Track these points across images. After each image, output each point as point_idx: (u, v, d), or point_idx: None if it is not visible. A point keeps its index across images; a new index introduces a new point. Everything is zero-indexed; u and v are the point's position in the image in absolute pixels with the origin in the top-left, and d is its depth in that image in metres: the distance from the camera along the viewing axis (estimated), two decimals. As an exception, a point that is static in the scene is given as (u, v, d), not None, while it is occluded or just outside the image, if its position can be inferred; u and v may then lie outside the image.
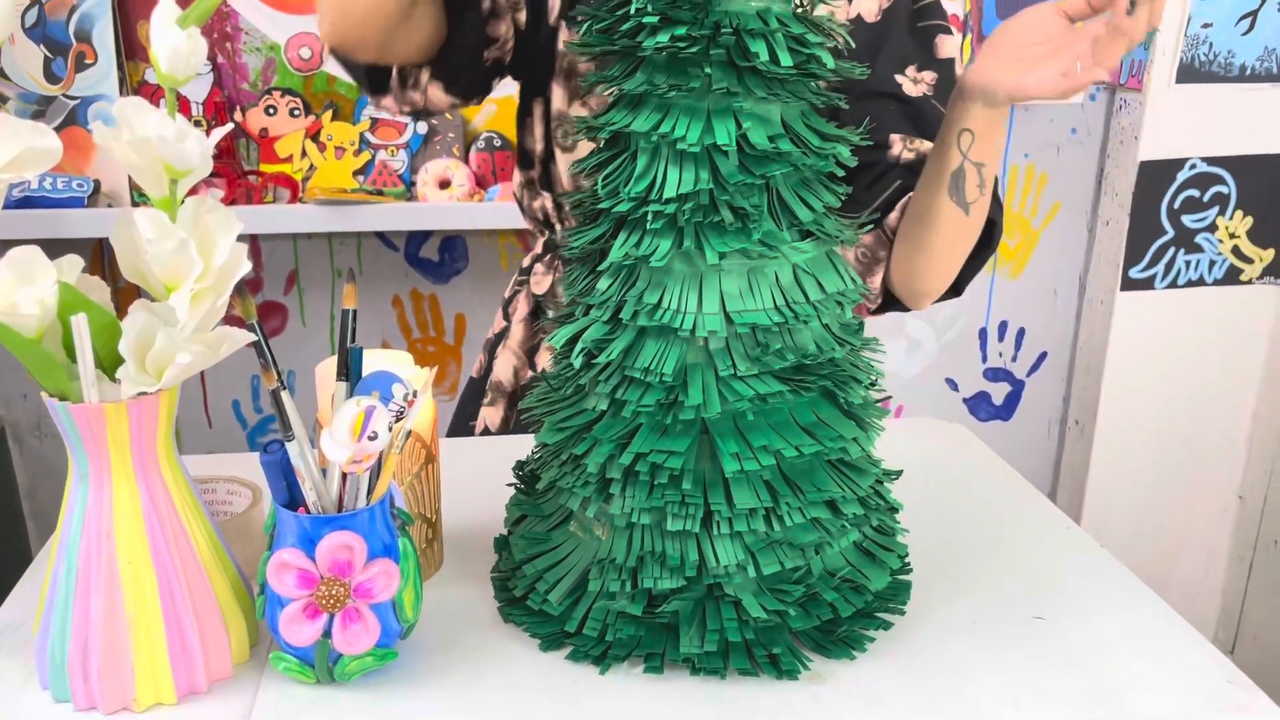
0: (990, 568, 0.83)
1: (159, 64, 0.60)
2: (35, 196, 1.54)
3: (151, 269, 0.62)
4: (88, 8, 1.57)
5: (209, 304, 0.62)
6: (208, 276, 0.61)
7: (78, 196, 1.55)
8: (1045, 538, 0.88)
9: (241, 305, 0.65)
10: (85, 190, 1.56)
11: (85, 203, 1.56)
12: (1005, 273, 2.06)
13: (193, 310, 0.61)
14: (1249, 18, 1.85)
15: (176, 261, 0.60)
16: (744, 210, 0.68)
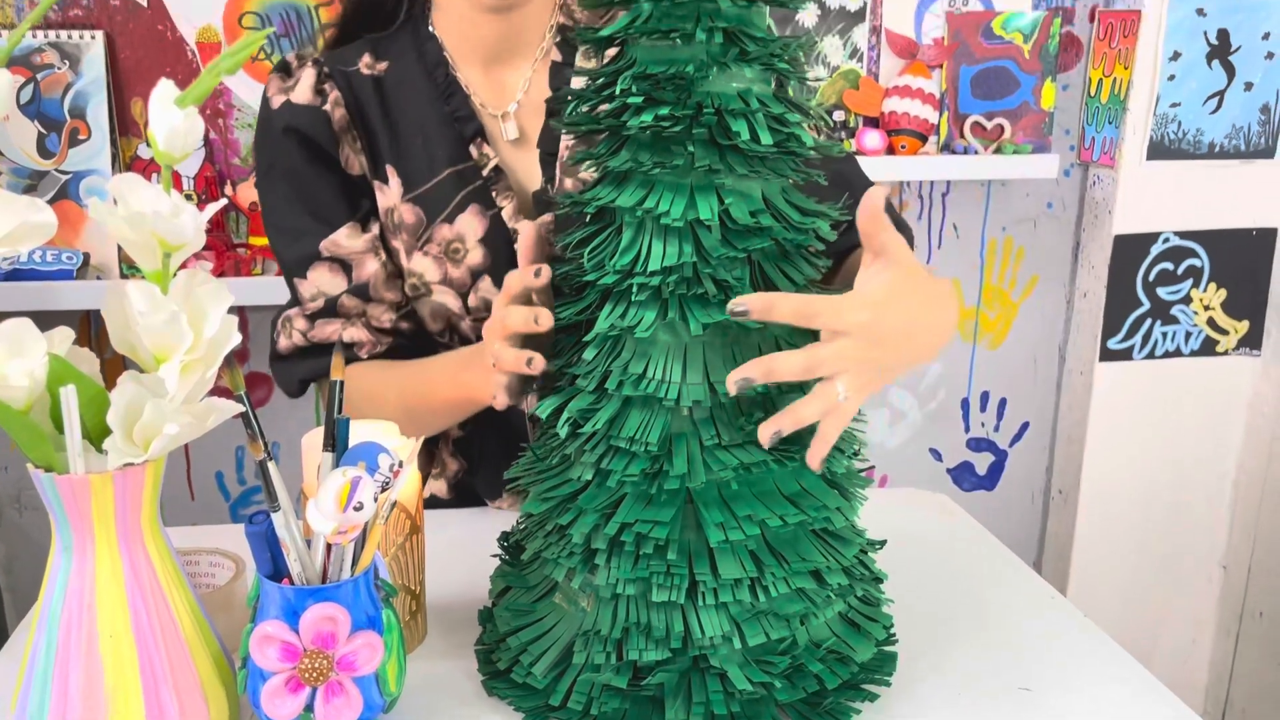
0: (976, 639, 0.83)
1: (157, 142, 0.61)
2: (24, 269, 1.55)
3: (142, 341, 0.63)
4: (83, 85, 1.60)
5: (198, 375, 0.62)
6: (198, 348, 0.62)
7: (67, 269, 1.57)
8: (1030, 608, 0.89)
9: (230, 376, 0.65)
10: (74, 263, 1.57)
11: (74, 275, 1.57)
12: (986, 343, 2.09)
13: (182, 381, 0.62)
14: (1216, 97, 1.91)
15: (167, 333, 0.61)
16: (727, 283, 0.70)
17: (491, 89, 1.03)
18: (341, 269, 1.00)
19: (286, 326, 1.01)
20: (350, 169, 1.01)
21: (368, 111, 1.01)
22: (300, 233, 1.00)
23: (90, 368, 0.66)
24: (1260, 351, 2.05)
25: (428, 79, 1.01)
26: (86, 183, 1.62)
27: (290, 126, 0.99)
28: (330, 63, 1.02)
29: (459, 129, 1.00)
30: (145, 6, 1.63)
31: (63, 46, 1.59)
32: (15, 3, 1.61)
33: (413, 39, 1.03)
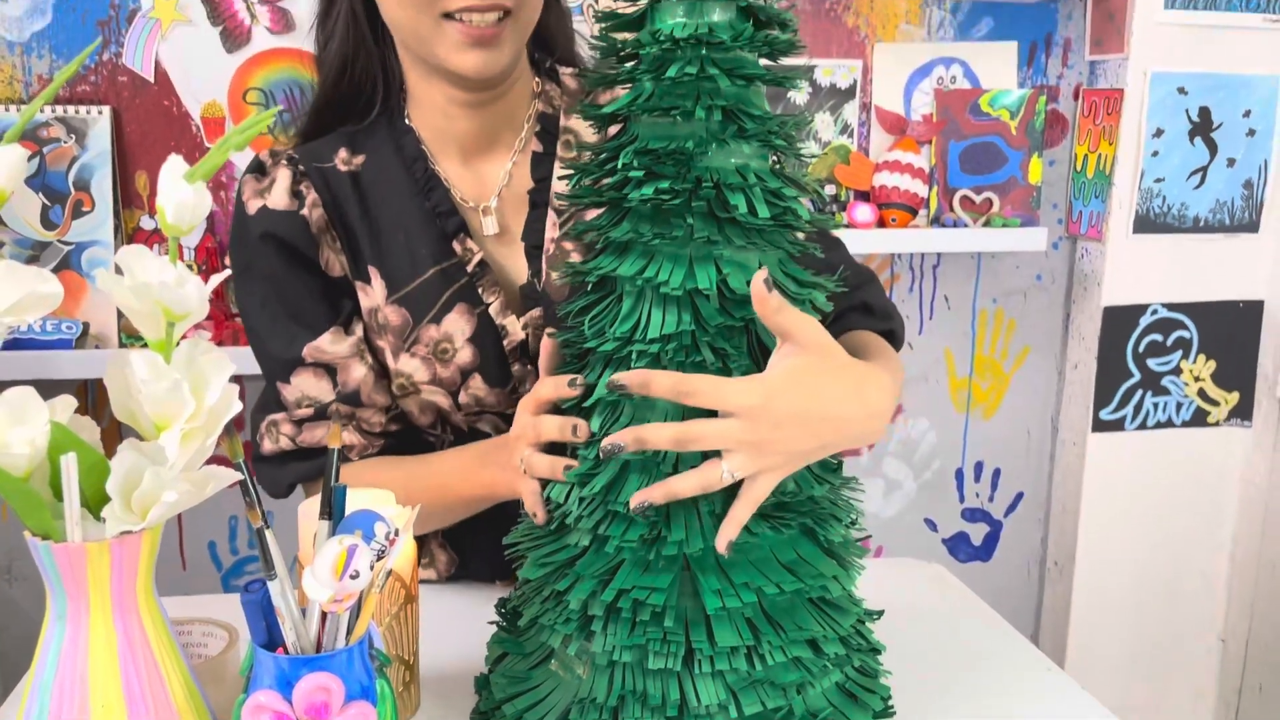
0: (973, 711, 0.83)
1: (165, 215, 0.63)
2: (23, 338, 1.56)
3: (144, 408, 0.63)
4: (88, 159, 1.63)
5: (199, 443, 0.63)
6: (199, 416, 0.62)
7: (66, 339, 1.58)
8: (1028, 681, 0.88)
9: (229, 445, 0.66)
10: (74, 332, 1.58)
11: (73, 345, 1.58)
12: (979, 414, 2.10)
13: (183, 449, 0.62)
14: (1199, 173, 1.95)
15: (170, 401, 0.62)
16: (724, 350, 0.71)
17: (471, 182, 1.00)
18: (326, 373, 0.97)
19: (272, 431, 0.98)
20: (331, 271, 0.98)
21: (346, 210, 0.98)
22: (281, 337, 0.97)
23: (91, 436, 0.67)
24: (1251, 423, 2.06)
25: (406, 174, 0.98)
26: (89, 254, 1.64)
27: (268, 233, 0.96)
28: (305, 160, 0.99)
29: (441, 225, 0.98)
30: (152, 83, 1.67)
31: (70, 121, 1.63)
32: (24, 78, 1.65)
33: (389, 132, 1.00)
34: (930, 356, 2.05)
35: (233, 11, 1.67)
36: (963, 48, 1.94)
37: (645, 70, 0.72)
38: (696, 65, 0.70)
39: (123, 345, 1.64)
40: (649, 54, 0.72)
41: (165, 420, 0.64)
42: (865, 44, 1.91)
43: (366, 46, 0.98)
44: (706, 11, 0.71)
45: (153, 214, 1.69)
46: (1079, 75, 2.01)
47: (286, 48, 1.70)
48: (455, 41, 0.89)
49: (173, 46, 1.67)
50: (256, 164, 1.00)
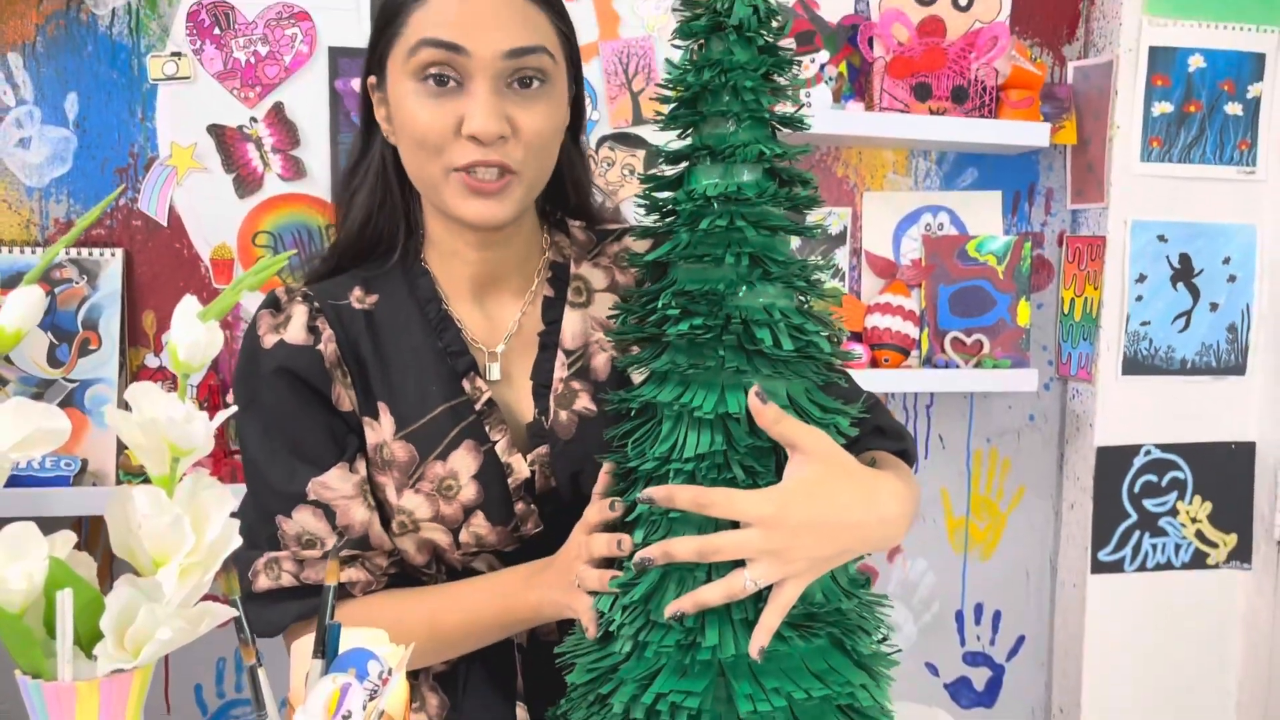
0: None
1: (177, 353, 0.65)
2: (22, 475, 1.56)
3: (143, 544, 0.64)
4: (98, 298, 1.67)
5: (196, 579, 0.63)
6: (198, 552, 0.63)
7: (64, 475, 1.58)
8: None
9: (225, 581, 0.67)
10: (73, 469, 1.59)
11: (71, 481, 1.59)
12: (977, 554, 2.09)
13: (180, 585, 0.63)
14: (1183, 317, 1.99)
15: (170, 536, 0.62)
16: (754, 469, 0.78)
17: (482, 324, 1.03)
18: (324, 514, 0.97)
19: (273, 568, 0.97)
20: (340, 406, 0.99)
21: (359, 346, 1.00)
22: (284, 471, 0.97)
23: (88, 572, 0.67)
24: (1251, 565, 2.05)
25: (420, 313, 1.01)
26: (92, 391, 1.66)
27: (282, 367, 0.98)
28: (320, 297, 1.01)
29: (452, 364, 1.00)
30: (165, 226, 1.73)
31: (82, 263, 1.67)
32: (40, 223, 1.70)
33: (404, 274, 1.03)
34: (926, 496, 2.06)
35: (247, 159, 1.74)
36: (949, 196, 2.01)
37: (682, 223, 0.82)
38: (727, 218, 0.80)
39: (120, 482, 1.65)
40: (685, 210, 0.82)
41: (164, 555, 0.64)
42: (854, 192, 1.98)
43: (393, 196, 1.04)
44: (736, 173, 0.81)
45: (158, 352, 1.72)
46: (1062, 222, 2.08)
47: (297, 193, 1.76)
48: (459, 191, 0.94)
49: (187, 192, 1.73)
50: (272, 299, 1.02)
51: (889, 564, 2.05)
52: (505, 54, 0.92)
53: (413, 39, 0.93)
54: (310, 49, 1.75)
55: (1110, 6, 1.96)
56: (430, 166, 0.94)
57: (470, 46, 0.91)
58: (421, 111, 0.93)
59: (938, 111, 1.89)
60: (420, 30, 0.92)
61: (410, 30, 0.93)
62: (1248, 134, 1.98)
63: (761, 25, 0.81)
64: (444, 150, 0.93)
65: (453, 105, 0.92)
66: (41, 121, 1.69)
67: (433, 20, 0.92)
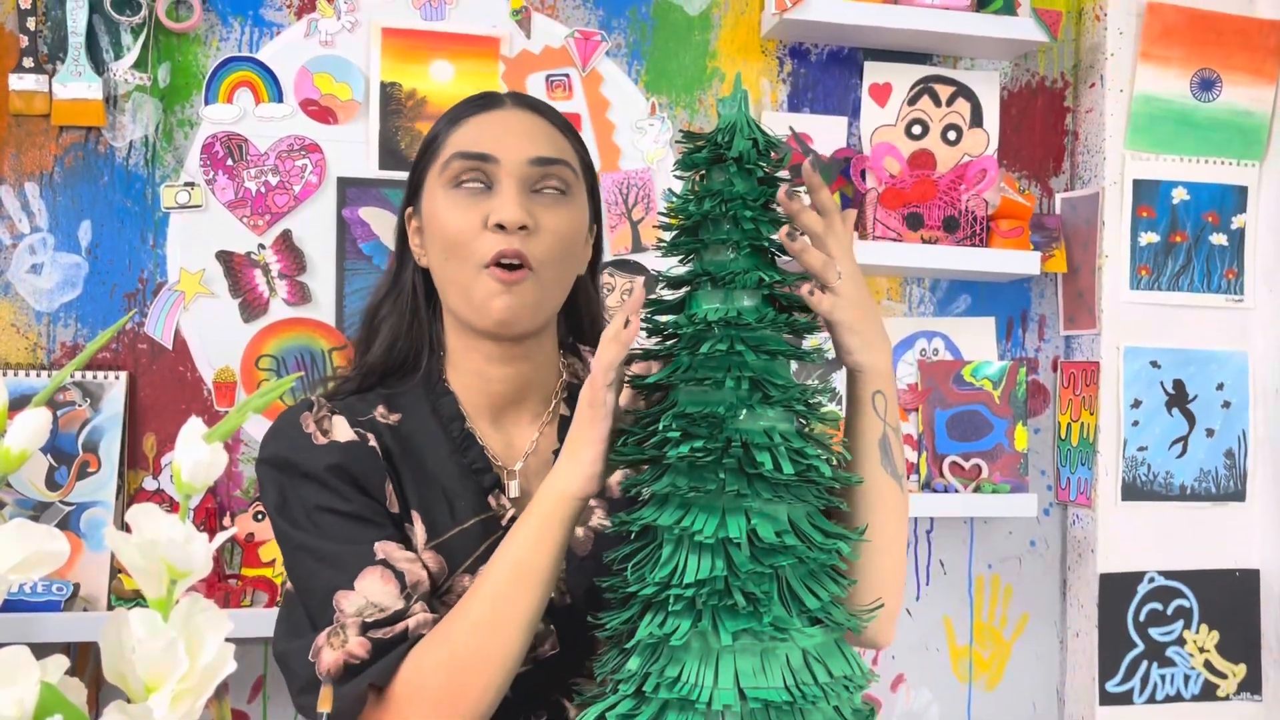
0: None
1: (180, 474, 0.65)
2: (13, 599, 1.54)
3: (135, 669, 0.63)
4: (100, 421, 1.68)
5: (188, 705, 0.62)
6: (192, 676, 0.62)
7: (55, 600, 1.56)
8: None
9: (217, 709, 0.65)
10: (64, 594, 1.57)
11: (62, 606, 1.56)
12: (982, 684, 2.04)
13: (171, 710, 0.62)
14: (1180, 442, 2.00)
15: (163, 660, 0.62)
16: (755, 596, 0.77)
17: (501, 444, 1.06)
18: (394, 576, 0.94)
19: (338, 638, 0.92)
20: (391, 505, 1.00)
21: (393, 454, 1.02)
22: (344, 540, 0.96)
23: (78, 698, 0.66)
24: (1261, 697, 2.00)
25: (443, 432, 1.03)
26: (88, 514, 1.65)
27: (338, 465, 0.98)
28: (346, 414, 1.02)
29: (478, 480, 1.02)
30: (170, 350, 1.75)
31: (86, 386, 1.69)
32: (47, 346, 1.72)
33: (425, 393, 1.05)
34: (929, 623, 2.02)
35: (253, 285, 1.78)
36: (943, 322, 2.04)
37: (683, 346, 0.84)
38: (727, 343, 0.81)
39: (111, 607, 1.62)
40: (686, 333, 0.83)
41: (157, 681, 0.63)
42: (850, 319, 2.01)
43: (420, 318, 1.07)
44: (736, 299, 0.83)
45: (156, 475, 1.72)
46: (1056, 348, 2.11)
47: (301, 318, 1.79)
48: (490, 288, 0.98)
49: (193, 316, 1.76)
50: (307, 404, 1.03)
51: (893, 693, 2.01)
52: (531, 160, 1.00)
53: (447, 154, 1.01)
54: (319, 179, 1.80)
55: (1093, 141, 2.03)
56: (461, 269, 0.99)
57: (499, 155, 0.99)
58: (452, 212, 0.99)
59: (930, 240, 1.94)
60: (454, 146, 1.01)
61: (446, 149, 1.02)
62: (1234, 263, 2.03)
63: (760, 158, 0.84)
64: (472, 246, 0.98)
65: (481, 205, 0.99)
66: (54, 248, 1.73)
67: (467, 139, 1.01)
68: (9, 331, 1.71)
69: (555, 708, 1.01)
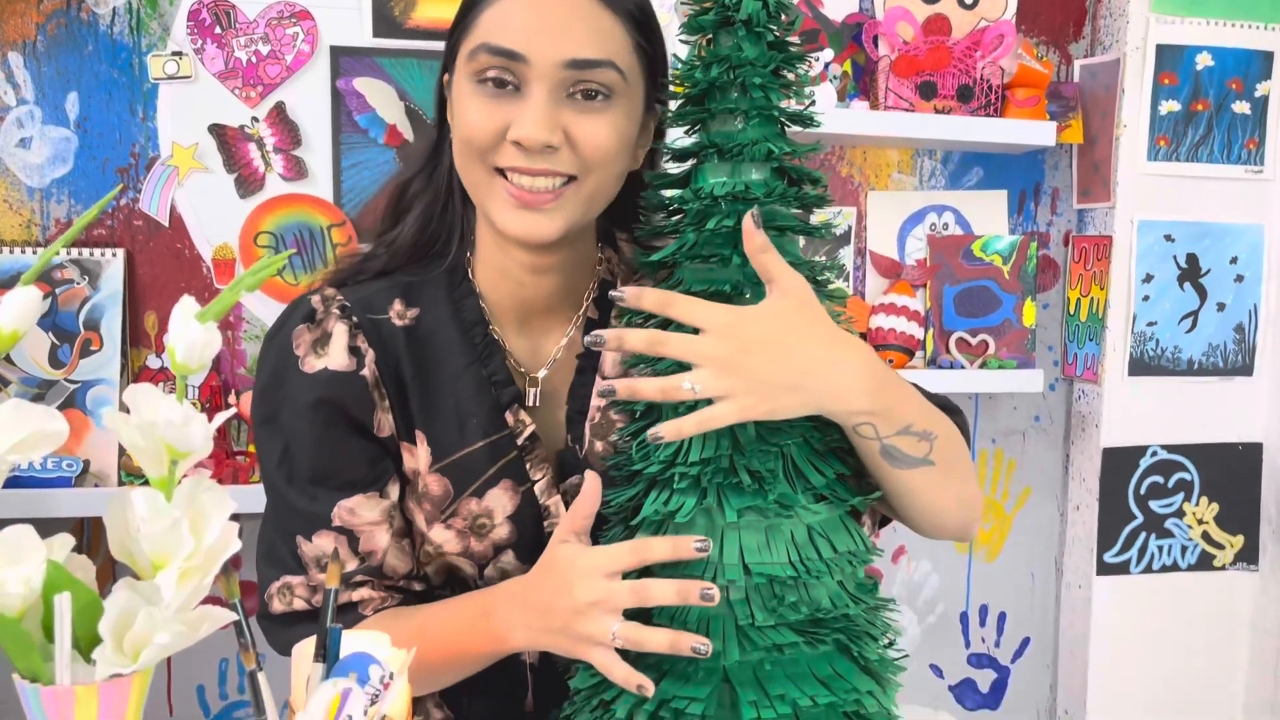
0: None
1: (175, 354, 0.64)
2: (23, 475, 1.56)
3: (141, 547, 0.63)
4: (99, 299, 1.66)
5: (195, 582, 0.63)
6: (197, 555, 0.62)
7: (66, 476, 1.57)
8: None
9: (225, 584, 0.66)
10: (74, 470, 1.58)
11: (73, 482, 1.58)
12: (982, 556, 2.08)
13: (179, 588, 0.62)
14: (1190, 317, 1.98)
15: (168, 540, 0.61)
16: (760, 473, 0.76)
17: (526, 350, 0.99)
18: (348, 540, 0.93)
19: (285, 594, 0.94)
20: (380, 431, 0.94)
21: (400, 367, 0.94)
22: (307, 494, 0.93)
23: (86, 575, 0.66)
24: (1258, 566, 2.04)
25: (464, 337, 0.96)
26: (94, 392, 1.65)
27: (324, 399, 0.93)
28: (358, 310, 0.95)
29: (496, 395, 0.95)
30: (167, 226, 1.72)
31: (83, 263, 1.67)
32: (42, 222, 1.69)
33: (448, 289, 0.98)
34: (931, 497, 2.04)
35: (248, 160, 1.74)
36: (954, 196, 2.00)
37: (688, 223, 0.81)
38: (734, 218, 0.78)
39: (123, 483, 1.64)
40: (691, 209, 0.80)
41: (163, 559, 0.63)
42: (859, 192, 1.97)
43: (454, 202, 0.98)
44: (744, 172, 0.80)
45: (160, 353, 1.71)
46: (1068, 222, 2.07)
47: (298, 194, 1.75)
48: (505, 201, 0.89)
49: (188, 192, 1.72)
50: (309, 312, 0.96)
51: (893, 565, 2.05)
52: (566, 64, 0.87)
53: (475, 42, 0.89)
54: (312, 48, 1.74)
55: (1117, 4, 1.95)
56: (475, 168, 0.90)
57: (529, 54, 0.86)
58: (473, 111, 0.89)
59: (943, 110, 1.88)
60: (484, 34, 0.88)
61: (476, 32, 0.89)
62: (1255, 132, 1.97)
63: (770, 20, 0.80)
64: (488, 155, 0.89)
65: (505, 109, 0.88)
66: (42, 121, 1.69)
67: (497, 24, 0.88)
68: (2, 208, 1.68)
69: None
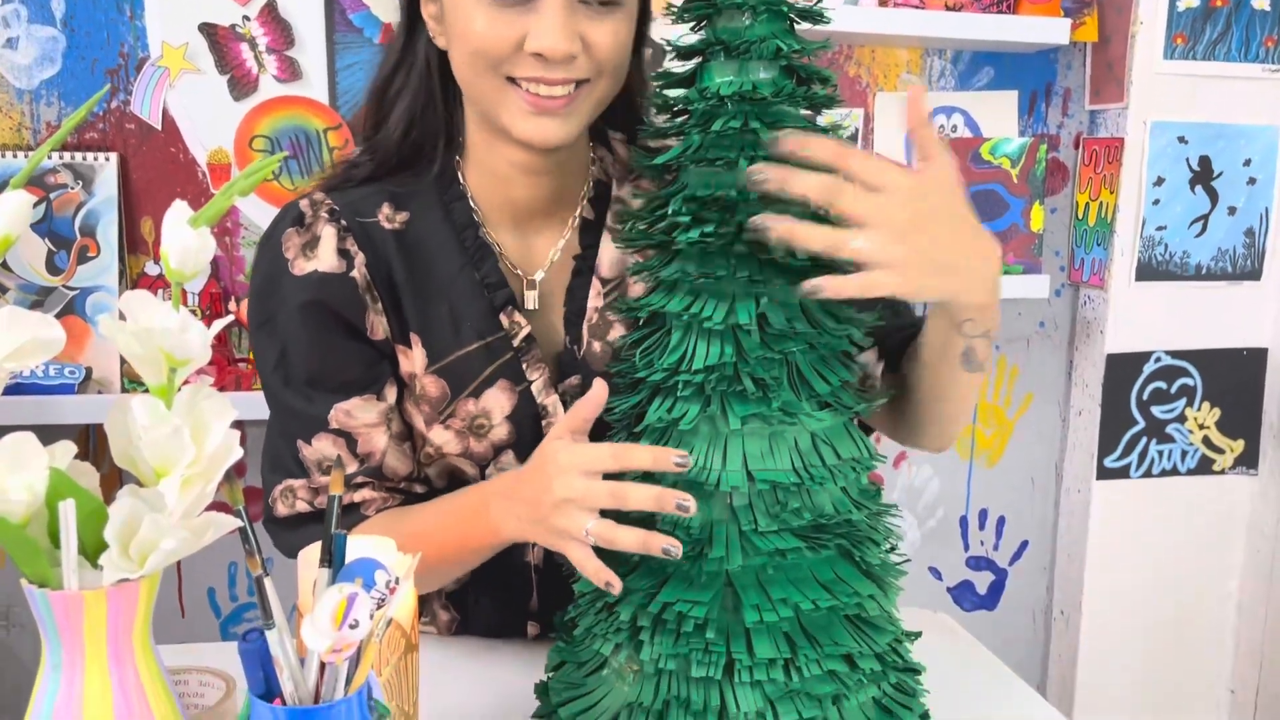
0: (980, 764, 0.82)
1: (169, 261, 0.63)
2: (26, 383, 1.56)
3: (143, 455, 0.63)
4: (94, 204, 1.64)
5: (198, 490, 0.63)
6: (199, 463, 0.62)
7: (68, 383, 1.58)
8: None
9: (229, 491, 0.66)
10: (76, 377, 1.58)
11: (75, 389, 1.58)
12: (983, 461, 2.09)
13: (182, 496, 0.62)
14: (1200, 221, 1.95)
15: (169, 447, 0.61)
16: (764, 381, 0.76)
17: (521, 252, 0.97)
18: (345, 442, 0.93)
19: (288, 496, 0.95)
20: (374, 334, 0.94)
21: (391, 270, 0.94)
22: (305, 396, 0.93)
23: (90, 482, 0.66)
24: (1257, 470, 2.05)
25: (455, 240, 0.95)
26: (93, 298, 1.64)
27: (314, 300, 0.92)
28: (347, 214, 0.94)
29: (489, 298, 0.94)
30: (159, 130, 1.68)
31: (77, 168, 1.64)
32: (32, 125, 1.66)
33: (438, 192, 0.96)
34: (933, 403, 2.05)
35: (240, 60, 1.69)
36: (963, 97, 1.96)
37: (693, 124, 0.78)
38: (740, 119, 0.76)
39: (125, 390, 1.64)
40: (697, 109, 0.78)
41: (165, 467, 0.63)
42: (867, 93, 1.92)
43: (435, 103, 0.95)
44: (751, 70, 0.77)
45: (158, 260, 1.70)
46: (1079, 124, 2.03)
47: (293, 96, 1.71)
48: (519, 109, 0.87)
49: (180, 94, 1.68)
50: (297, 216, 0.95)
51: (894, 470, 2.06)
52: None
53: None
54: (303, -58, 1.68)
55: (1137, -105, 1.88)
56: (486, 78, 0.87)
57: None
58: (481, 21, 0.84)
59: (954, 8, 1.82)
60: None
61: None
62: (1275, 29, 1.92)
63: None
64: (503, 66, 0.85)
65: (518, 20, 0.84)
66: (28, 20, 1.64)
67: None
68: (-9, 111, 1.65)
69: None
